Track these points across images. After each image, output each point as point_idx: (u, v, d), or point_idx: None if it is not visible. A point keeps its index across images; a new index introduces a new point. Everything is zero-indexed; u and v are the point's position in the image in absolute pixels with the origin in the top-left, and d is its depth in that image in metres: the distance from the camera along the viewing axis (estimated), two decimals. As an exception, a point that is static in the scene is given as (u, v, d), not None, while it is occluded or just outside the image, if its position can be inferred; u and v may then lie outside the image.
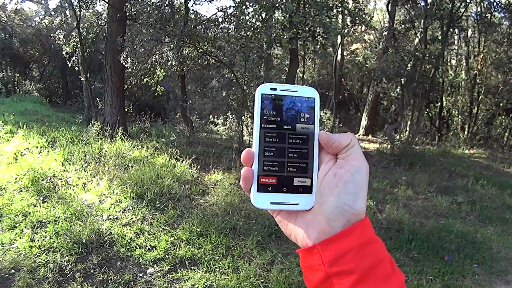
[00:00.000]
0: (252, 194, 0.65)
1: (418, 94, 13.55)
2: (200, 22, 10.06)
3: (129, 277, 4.35)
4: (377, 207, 6.86)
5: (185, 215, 5.77)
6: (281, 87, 0.67)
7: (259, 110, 0.66)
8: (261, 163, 0.65)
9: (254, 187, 0.65)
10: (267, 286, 4.34)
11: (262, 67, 10.31)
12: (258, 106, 0.66)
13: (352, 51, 20.60)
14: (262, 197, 0.65)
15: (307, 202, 0.65)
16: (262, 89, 0.67)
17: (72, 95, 20.86)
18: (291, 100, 0.67)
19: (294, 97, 0.68)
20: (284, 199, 0.66)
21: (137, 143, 8.71)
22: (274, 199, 0.65)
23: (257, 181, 0.65)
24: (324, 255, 0.60)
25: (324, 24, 8.23)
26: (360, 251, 0.59)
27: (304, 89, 0.69)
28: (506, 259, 5.64)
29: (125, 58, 9.05)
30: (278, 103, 0.67)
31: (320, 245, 0.61)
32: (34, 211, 5.43)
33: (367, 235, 0.61)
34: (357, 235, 0.60)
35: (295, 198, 0.66)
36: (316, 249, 0.61)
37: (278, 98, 0.67)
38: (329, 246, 0.60)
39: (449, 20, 12.91)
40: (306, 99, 0.68)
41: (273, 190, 0.65)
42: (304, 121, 0.67)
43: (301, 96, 0.68)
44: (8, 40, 19.48)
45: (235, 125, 11.35)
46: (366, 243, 0.60)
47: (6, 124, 9.14)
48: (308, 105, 0.68)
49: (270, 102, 0.67)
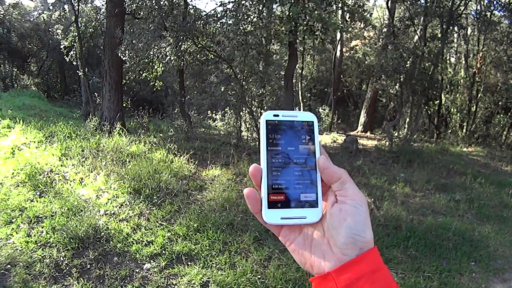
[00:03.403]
0: (264, 211, 0.70)
1: (417, 92, 13.54)
2: (199, 17, 10.01)
3: (125, 273, 4.34)
4: (375, 204, 6.85)
5: (182, 211, 5.76)
6: (283, 114, 0.74)
7: (265, 134, 0.73)
8: (270, 182, 0.71)
9: (264, 204, 0.70)
10: (264, 282, 4.33)
11: (261, 63, 10.29)
12: (263, 131, 0.73)
13: (352, 47, 20.57)
14: (273, 213, 0.70)
15: (314, 215, 0.71)
16: (266, 116, 0.74)
17: (70, 89, 20.84)
18: (292, 125, 0.74)
19: (295, 121, 0.75)
20: (293, 213, 0.71)
21: (135, 138, 8.68)
22: (284, 215, 0.71)
23: (267, 198, 0.70)
24: (338, 280, 0.64)
25: (322, 19, 8.20)
26: (371, 277, 0.63)
27: (303, 114, 0.76)
28: (503, 257, 5.63)
29: (123, 51, 9.00)
30: (281, 127, 0.74)
31: (334, 272, 0.65)
32: (31, 206, 5.41)
33: (377, 262, 0.65)
34: (369, 262, 0.64)
35: (303, 212, 0.71)
36: (330, 276, 0.65)
37: (281, 123, 0.74)
38: (343, 272, 0.64)
39: (449, 18, 12.85)
40: (306, 123, 0.75)
41: (282, 206, 0.71)
42: (305, 142, 0.74)
43: (301, 120, 0.75)
44: (6, 34, 19.41)
45: (233, 121, 11.34)
46: (376, 269, 0.64)
47: (4, 119, 9.10)
48: (308, 128, 0.75)
49: (274, 127, 0.73)
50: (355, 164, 9.39)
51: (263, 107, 12.37)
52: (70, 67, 17.97)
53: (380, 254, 0.68)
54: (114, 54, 9.78)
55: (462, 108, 17.12)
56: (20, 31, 19.96)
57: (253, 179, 0.72)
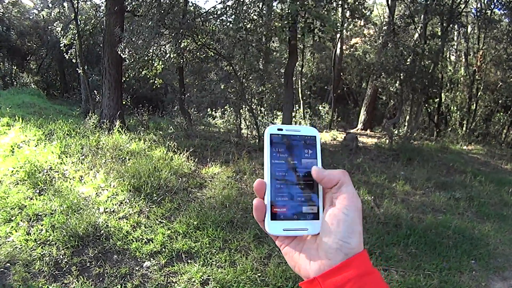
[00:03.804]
0: (267, 223, 0.72)
1: (417, 89, 13.51)
2: (199, 14, 9.99)
3: (125, 271, 4.33)
4: (375, 202, 6.84)
5: (182, 208, 5.75)
6: (286, 128, 0.76)
7: (269, 148, 0.73)
8: (273, 194, 0.72)
9: (268, 216, 0.72)
10: (264, 280, 4.32)
11: (261, 60, 10.28)
12: (267, 144, 0.74)
13: (352, 45, 20.54)
14: (276, 224, 0.72)
15: (315, 227, 0.72)
16: (270, 130, 0.75)
17: (69, 87, 20.81)
18: (295, 139, 0.75)
19: (297, 135, 0.76)
20: (295, 225, 0.72)
21: (134, 136, 8.66)
22: (286, 226, 0.72)
23: (270, 210, 0.72)
24: (324, 285, 0.64)
25: (321, 16, 8.17)
26: (357, 282, 0.63)
27: (306, 128, 0.77)
28: (503, 255, 5.64)
29: (122, 49, 8.98)
30: (284, 141, 0.75)
31: (320, 277, 0.65)
32: (30, 204, 5.40)
33: (364, 267, 0.65)
34: (356, 267, 0.64)
35: (304, 224, 0.72)
36: (317, 281, 0.66)
37: (284, 137, 0.75)
38: (329, 277, 0.65)
39: (449, 16, 12.82)
40: (309, 137, 0.76)
41: (285, 218, 0.72)
42: (308, 156, 0.75)
43: (304, 134, 0.76)
44: (5, 32, 19.37)
45: (233, 118, 11.32)
46: (364, 274, 0.64)
47: (3, 117, 9.07)
48: (310, 142, 0.76)
49: (277, 141, 0.74)
50: (355, 162, 9.38)
51: (263, 104, 12.37)
52: (69, 64, 17.91)
53: (380, 252, 0.67)
54: (113, 52, 9.76)
55: (462, 106, 17.12)
56: (19, 29, 19.92)
57: (257, 193, 0.73)
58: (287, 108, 10.03)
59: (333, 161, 9.07)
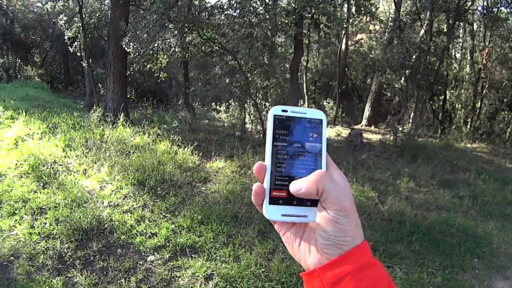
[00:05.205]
0: (265, 207, 0.70)
1: (422, 86, 13.48)
2: (204, 8, 9.95)
3: (129, 265, 4.34)
4: (379, 199, 6.83)
5: (186, 203, 5.75)
6: (292, 109, 0.73)
7: (272, 129, 0.71)
8: (273, 178, 0.70)
9: (266, 200, 0.70)
10: (268, 275, 4.32)
11: (266, 55, 10.24)
12: (270, 125, 0.72)
13: (357, 41, 20.44)
14: (274, 209, 0.70)
15: (315, 215, 0.69)
16: (275, 111, 0.72)
17: (74, 80, 20.79)
18: (300, 121, 0.73)
19: (303, 118, 0.73)
20: (294, 211, 0.70)
21: (138, 130, 8.66)
22: (285, 211, 0.70)
23: (269, 194, 0.70)
24: (324, 278, 0.65)
25: (327, 12, 8.13)
26: (357, 274, 0.63)
27: (312, 111, 0.74)
28: (506, 254, 5.63)
29: (127, 42, 8.96)
30: (289, 123, 0.72)
31: (320, 269, 0.66)
32: (34, 198, 5.41)
33: (364, 259, 0.65)
34: (354, 260, 0.64)
35: (304, 211, 0.70)
36: (316, 273, 0.66)
37: (289, 119, 0.73)
38: (328, 269, 0.65)
39: (456, 13, 12.73)
40: (314, 120, 0.74)
41: (284, 203, 0.70)
42: (312, 140, 0.72)
43: (310, 117, 0.74)
44: (9, 25, 19.34)
45: (237, 113, 11.31)
46: (364, 266, 0.64)
47: (7, 110, 9.09)
48: (316, 126, 0.73)
49: (281, 123, 0.72)
50: (359, 158, 9.37)
51: (267, 99, 12.34)
52: (74, 58, 17.87)
53: (384, 249, 0.67)
54: (118, 45, 9.73)
55: (467, 104, 17.07)
56: (23, 22, 19.89)
57: (257, 176, 0.72)
58: (292, 103, 10.01)
59: (338, 157, 9.05)
